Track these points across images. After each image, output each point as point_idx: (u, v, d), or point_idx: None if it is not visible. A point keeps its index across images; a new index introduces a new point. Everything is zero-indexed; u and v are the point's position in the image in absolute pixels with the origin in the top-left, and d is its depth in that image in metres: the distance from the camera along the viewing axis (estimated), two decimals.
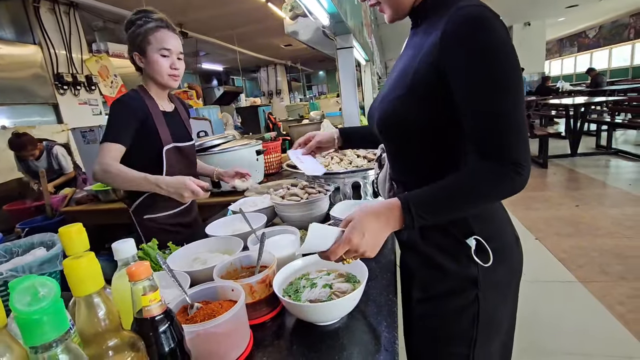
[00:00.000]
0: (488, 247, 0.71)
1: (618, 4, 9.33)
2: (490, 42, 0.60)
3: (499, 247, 0.73)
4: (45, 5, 3.89)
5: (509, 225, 0.80)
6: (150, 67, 1.32)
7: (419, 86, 0.68)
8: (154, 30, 1.29)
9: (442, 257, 0.76)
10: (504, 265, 0.75)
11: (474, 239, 0.72)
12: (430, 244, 0.77)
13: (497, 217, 0.78)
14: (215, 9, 5.03)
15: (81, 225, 0.53)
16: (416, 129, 0.72)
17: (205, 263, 0.93)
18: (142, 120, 1.31)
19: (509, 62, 0.61)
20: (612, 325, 1.88)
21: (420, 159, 0.76)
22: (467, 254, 0.72)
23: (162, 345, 0.49)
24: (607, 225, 3.06)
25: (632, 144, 6.03)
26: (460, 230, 0.73)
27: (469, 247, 0.72)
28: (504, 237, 0.77)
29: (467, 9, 0.62)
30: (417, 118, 0.70)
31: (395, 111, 0.73)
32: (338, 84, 2.62)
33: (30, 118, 3.97)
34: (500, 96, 0.61)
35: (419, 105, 0.69)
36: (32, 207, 2.76)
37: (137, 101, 1.32)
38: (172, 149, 1.39)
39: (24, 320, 0.29)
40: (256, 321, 0.75)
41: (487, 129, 0.62)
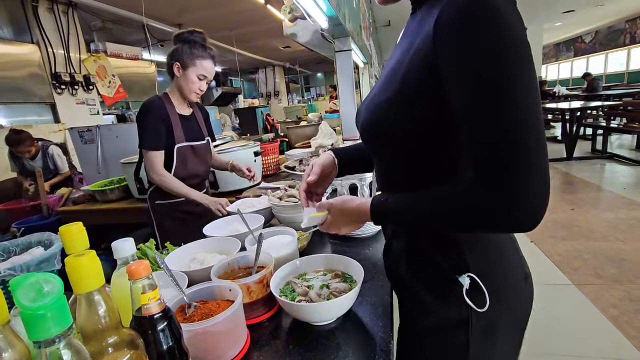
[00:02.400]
0: (485, 287, 0.58)
1: (613, 9, 9.43)
2: (495, 36, 0.46)
3: (500, 287, 0.61)
4: (43, 5, 3.89)
5: (516, 259, 0.65)
6: (185, 82, 1.53)
7: (411, 88, 0.55)
8: (203, 57, 1.51)
9: (428, 294, 0.64)
10: (505, 307, 0.62)
11: (468, 276, 0.59)
12: (416, 277, 0.67)
13: (501, 248, 0.64)
14: (213, 10, 5.04)
15: (81, 224, 0.54)
16: (408, 140, 0.59)
17: (203, 263, 0.93)
18: (165, 121, 1.52)
19: (518, 62, 0.46)
20: (606, 327, 1.90)
21: (411, 178, 0.63)
22: (458, 294, 0.59)
23: (160, 343, 0.49)
24: (601, 229, 3.09)
25: (627, 148, 6.09)
26: (453, 264, 0.61)
27: (461, 286, 0.59)
28: (508, 275, 0.64)
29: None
30: (409, 126, 0.57)
31: (383, 117, 0.60)
32: (336, 85, 2.64)
33: (27, 117, 3.96)
34: (503, 108, 0.46)
35: (410, 111, 0.56)
36: (27, 206, 2.75)
37: (159, 106, 1.52)
38: (184, 147, 1.57)
39: (29, 316, 0.30)
40: (253, 321, 0.76)
41: (482, 146, 0.48)
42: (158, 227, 1.66)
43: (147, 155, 1.50)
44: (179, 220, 1.64)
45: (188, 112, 1.66)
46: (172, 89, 1.59)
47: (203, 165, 1.69)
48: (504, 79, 0.46)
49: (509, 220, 0.48)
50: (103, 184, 2.36)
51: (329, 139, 2.39)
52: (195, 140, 1.64)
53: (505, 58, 0.46)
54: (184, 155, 1.58)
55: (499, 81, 0.46)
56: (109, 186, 2.31)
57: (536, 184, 0.46)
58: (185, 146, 1.58)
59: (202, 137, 1.68)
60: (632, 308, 2.01)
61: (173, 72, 1.53)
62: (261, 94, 11.52)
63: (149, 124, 1.49)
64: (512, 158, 0.46)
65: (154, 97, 1.55)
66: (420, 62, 0.53)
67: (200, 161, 1.67)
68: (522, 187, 0.46)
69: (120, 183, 2.32)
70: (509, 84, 0.46)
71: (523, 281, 0.65)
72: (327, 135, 2.42)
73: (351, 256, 0.84)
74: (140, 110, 1.51)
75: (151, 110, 1.50)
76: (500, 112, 0.46)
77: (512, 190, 0.46)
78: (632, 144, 6.14)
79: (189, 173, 1.61)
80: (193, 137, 1.62)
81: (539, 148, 0.46)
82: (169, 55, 1.53)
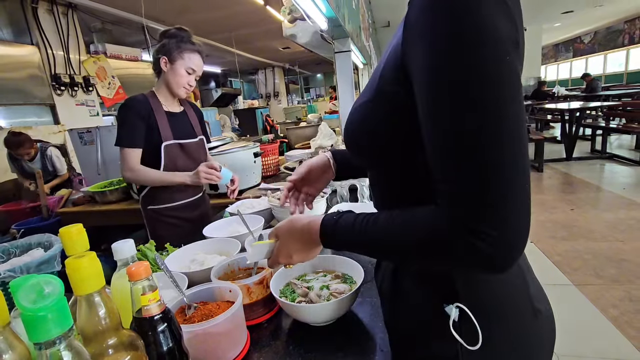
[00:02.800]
0: (477, 322, 0.49)
1: (612, 10, 9.45)
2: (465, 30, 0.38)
3: (499, 321, 0.51)
4: (43, 6, 3.89)
5: (522, 291, 0.54)
6: (172, 76, 1.48)
7: (387, 90, 0.50)
8: (191, 51, 1.48)
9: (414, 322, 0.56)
10: (507, 348, 0.52)
11: (457, 307, 0.50)
12: (402, 301, 0.59)
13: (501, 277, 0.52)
14: (213, 12, 5.04)
15: (81, 226, 0.54)
16: (389, 145, 0.52)
17: (203, 264, 0.94)
18: (146, 118, 1.46)
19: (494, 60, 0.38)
20: (606, 328, 1.90)
21: (399, 181, 0.55)
22: (445, 327, 0.50)
23: (160, 345, 0.49)
24: (601, 229, 3.09)
25: (626, 148, 6.09)
26: (440, 290, 0.52)
27: (448, 317, 0.50)
28: (510, 309, 0.52)
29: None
30: (389, 131, 0.51)
31: (363, 120, 0.54)
32: (335, 86, 2.64)
33: (27, 119, 3.95)
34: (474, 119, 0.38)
35: (390, 114, 0.50)
36: (27, 208, 2.75)
37: (140, 102, 1.46)
38: (172, 144, 1.52)
39: (30, 317, 0.30)
40: (253, 322, 0.76)
41: (441, 161, 0.42)
42: (151, 234, 1.61)
43: (122, 152, 1.44)
44: (170, 226, 1.59)
45: (178, 109, 1.60)
46: (159, 86, 1.53)
47: (196, 165, 1.57)
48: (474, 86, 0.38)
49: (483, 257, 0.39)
50: (103, 185, 2.36)
51: (329, 140, 2.39)
52: (185, 138, 1.57)
53: (477, 52, 0.38)
54: (173, 154, 1.51)
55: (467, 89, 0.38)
56: (108, 187, 2.31)
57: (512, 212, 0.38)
58: (173, 144, 1.51)
59: (193, 135, 1.62)
60: (632, 308, 2.01)
61: (160, 68, 1.47)
62: (261, 94, 11.52)
63: (126, 121, 1.44)
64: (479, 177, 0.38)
65: (138, 95, 1.49)
66: (394, 65, 0.47)
67: (192, 160, 1.59)
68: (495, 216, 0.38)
69: (120, 184, 2.32)
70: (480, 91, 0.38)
71: (531, 318, 0.53)
72: (326, 136, 2.42)
73: (351, 257, 0.84)
74: (120, 107, 1.47)
75: (131, 107, 1.44)
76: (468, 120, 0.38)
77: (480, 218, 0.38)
78: (632, 144, 6.14)
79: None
80: (182, 135, 1.56)
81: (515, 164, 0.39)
82: (156, 50, 1.48)
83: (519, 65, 0.41)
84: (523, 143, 0.40)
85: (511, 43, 0.40)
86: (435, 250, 0.44)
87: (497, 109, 0.38)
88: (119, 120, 1.47)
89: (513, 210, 0.38)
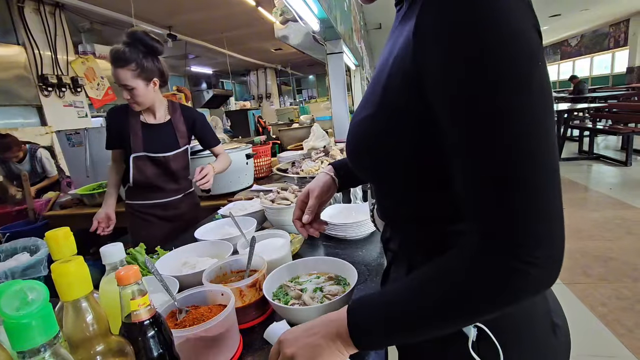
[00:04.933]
0: (497, 341, 0.47)
1: (598, 14, 9.68)
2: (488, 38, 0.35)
3: (518, 339, 0.49)
4: (30, 6, 3.82)
5: (541, 305, 0.52)
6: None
7: (393, 102, 0.46)
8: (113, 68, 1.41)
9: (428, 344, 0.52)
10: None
11: (475, 327, 0.48)
12: None
13: None
14: (204, 12, 5.01)
15: (68, 229, 0.53)
16: (396, 161, 0.49)
17: (194, 267, 0.92)
18: (118, 130, 1.54)
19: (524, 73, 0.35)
20: (595, 325, 1.93)
21: (407, 199, 0.53)
22: (463, 348, 0.48)
23: (151, 350, 0.48)
24: (588, 228, 3.14)
25: (612, 149, 6.22)
26: None
27: (466, 338, 0.48)
28: (529, 326, 0.50)
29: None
30: (393, 145, 0.47)
31: (366, 136, 0.51)
32: (328, 88, 2.64)
33: (13, 120, 3.87)
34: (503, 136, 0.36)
35: (396, 128, 0.46)
36: (13, 211, 2.69)
37: (117, 113, 1.56)
38: (141, 156, 1.54)
39: (13, 325, 0.29)
40: (246, 325, 0.75)
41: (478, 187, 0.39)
42: (130, 230, 1.71)
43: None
44: (147, 223, 1.64)
45: (160, 119, 1.59)
46: None
47: (166, 178, 1.61)
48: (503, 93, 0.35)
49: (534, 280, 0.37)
50: (91, 188, 2.32)
51: (322, 141, 2.38)
52: (160, 151, 1.55)
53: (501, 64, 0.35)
54: (140, 165, 1.54)
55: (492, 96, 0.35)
56: (97, 190, 2.27)
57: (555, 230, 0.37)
58: (142, 156, 1.53)
59: (173, 147, 1.59)
60: (620, 306, 2.05)
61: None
62: (253, 96, 11.48)
63: (107, 127, 1.58)
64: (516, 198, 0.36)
65: (122, 105, 1.58)
66: (401, 74, 0.44)
67: (165, 171, 1.59)
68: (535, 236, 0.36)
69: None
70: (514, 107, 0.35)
71: (550, 333, 0.51)
72: (319, 138, 2.41)
73: (344, 258, 0.84)
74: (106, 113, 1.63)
75: (109, 116, 1.60)
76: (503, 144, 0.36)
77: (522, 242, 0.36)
78: (618, 145, 6.28)
79: (150, 184, 1.58)
80: (157, 147, 1.55)
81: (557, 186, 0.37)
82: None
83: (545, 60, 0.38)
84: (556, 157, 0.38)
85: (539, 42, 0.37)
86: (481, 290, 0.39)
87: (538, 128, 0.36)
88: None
89: (553, 229, 0.37)
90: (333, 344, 0.48)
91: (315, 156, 1.94)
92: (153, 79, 1.48)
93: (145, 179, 1.56)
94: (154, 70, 1.48)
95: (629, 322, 1.92)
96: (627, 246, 2.75)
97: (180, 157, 1.63)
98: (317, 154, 1.96)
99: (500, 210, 0.37)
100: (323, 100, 8.19)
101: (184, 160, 1.66)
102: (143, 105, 1.51)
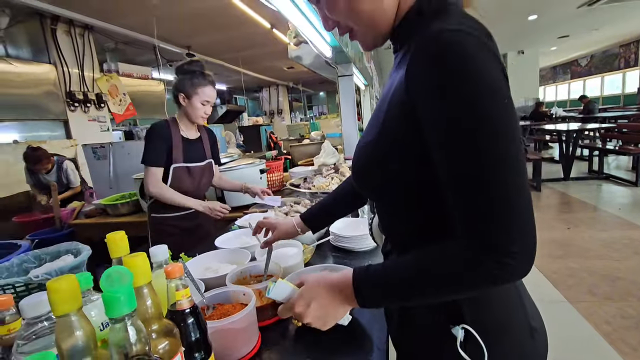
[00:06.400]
0: (482, 341, 0.54)
1: (607, 35, 9.74)
2: (465, 85, 0.44)
3: (500, 340, 0.57)
4: (62, 28, 4.11)
5: (520, 311, 0.60)
6: (191, 109, 1.69)
7: (392, 132, 0.54)
8: (204, 85, 1.66)
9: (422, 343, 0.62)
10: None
11: (462, 328, 0.55)
12: (410, 322, 0.65)
13: (505, 294, 0.59)
14: (221, 34, 5.27)
15: (124, 233, 0.64)
16: (397, 183, 0.57)
17: (217, 272, 1.03)
18: (166, 142, 1.67)
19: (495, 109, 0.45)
20: (599, 344, 1.95)
21: (408, 217, 0.60)
22: (452, 347, 0.55)
23: (190, 335, 0.58)
24: (596, 248, 3.15)
25: (624, 169, 6.19)
26: (447, 312, 0.57)
27: (455, 338, 0.55)
28: (510, 327, 0.58)
29: (435, 34, 0.47)
30: (396, 169, 0.55)
31: (369, 159, 0.59)
32: (338, 105, 2.78)
33: (41, 132, 4.11)
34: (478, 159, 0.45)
35: (395, 154, 0.55)
36: (40, 219, 2.85)
37: (163, 129, 1.69)
38: (181, 167, 1.70)
39: (109, 298, 0.39)
40: (263, 324, 0.85)
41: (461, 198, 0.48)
42: (152, 240, 1.79)
43: (147, 170, 1.66)
44: (169, 235, 1.74)
45: (195, 135, 1.80)
46: (180, 115, 1.75)
47: (198, 184, 1.80)
48: (481, 132, 0.45)
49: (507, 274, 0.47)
50: (115, 199, 2.46)
51: (332, 158, 2.50)
52: (195, 162, 1.76)
53: (480, 109, 0.45)
54: (179, 175, 1.71)
55: (476, 135, 0.45)
56: (120, 200, 2.42)
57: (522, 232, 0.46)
58: (182, 167, 1.71)
59: (203, 159, 1.81)
60: (624, 325, 2.07)
61: (179, 101, 1.69)
62: (265, 111, 11.77)
63: (151, 142, 1.66)
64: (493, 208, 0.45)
65: (162, 121, 1.72)
66: (398, 109, 0.53)
67: (196, 181, 1.79)
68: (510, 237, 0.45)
69: (131, 197, 2.43)
70: (487, 136, 0.45)
71: (528, 336, 0.59)
72: (329, 154, 2.53)
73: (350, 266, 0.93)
74: (147, 130, 1.70)
75: (155, 131, 1.68)
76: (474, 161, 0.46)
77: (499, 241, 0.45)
78: (629, 165, 6.25)
79: (183, 191, 1.72)
80: (193, 159, 1.75)
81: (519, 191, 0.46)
82: (174, 86, 1.69)
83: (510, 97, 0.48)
84: (524, 171, 0.47)
85: (505, 83, 0.47)
86: (469, 278, 0.49)
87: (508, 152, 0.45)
88: (145, 141, 1.67)
89: (525, 227, 0.46)
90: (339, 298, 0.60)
91: (326, 172, 2.06)
92: None
93: (181, 190, 1.70)
94: None
95: (633, 340, 1.94)
96: (635, 266, 2.76)
97: (207, 170, 1.83)
98: (328, 171, 2.08)
99: (479, 216, 0.46)
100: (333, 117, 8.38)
101: (210, 173, 1.85)
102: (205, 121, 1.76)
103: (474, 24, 0.48)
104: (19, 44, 4.16)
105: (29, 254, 1.07)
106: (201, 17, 4.52)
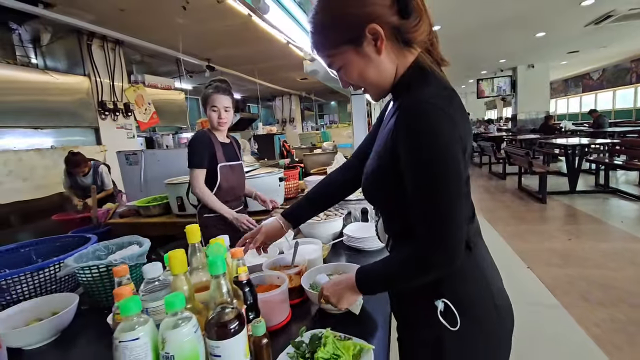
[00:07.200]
0: (456, 311, 0.74)
1: (618, 50, 9.82)
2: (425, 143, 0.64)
3: (469, 313, 0.75)
4: (96, 43, 4.47)
5: (487, 290, 0.79)
6: (208, 117, 2.01)
7: (385, 164, 0.75)
8: (211, 94, 1.93)
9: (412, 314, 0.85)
10: (476, 331, 0.77)
11: (442, 301, 0.75)
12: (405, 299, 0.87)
13: (475, 279, 0.79)
14: (240, 48, 5.60)
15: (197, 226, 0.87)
16: (391, 198, 0.78)
17: (252, 262, 1.26)
18: (208, 147, 1.95)
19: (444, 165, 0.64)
20: (588, 344, 2.11)
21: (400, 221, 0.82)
22: (435, 315, 0.75)
23: (247, 299, 0.81)
24: (595, 258, 3.29)
25: (632, 184, 6.26)
26: (431, 289, 0.77)
27: (436, 308, 0.75)
28: (479, 302, 0.78)
29: (413, 103, 0.66)
30: (389, 189, 0.76)
31: (373, 180, 0.81)
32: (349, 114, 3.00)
33: (73, 138, 4.45)
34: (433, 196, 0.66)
35: (389, 179, 0.75)
36: (77, 218, 3.14)
37: (205, 136, 1.97)
38: (225, 166, 2.01)
39: (212, 262, 0.63)
40: (292, 302, 1.07)
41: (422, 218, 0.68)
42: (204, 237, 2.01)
43: (193, 172, 1.92)
44: (218, 230, 1.93)
45: (227, 140, 2.12)
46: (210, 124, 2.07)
47: (240, 181, 2.12)
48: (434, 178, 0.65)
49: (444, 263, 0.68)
50: (147, 201, 2.72)
51: None
52: (233, 161, 2.08)
53: (436, 163, 0.64)
54: (225, 173, 2.01)
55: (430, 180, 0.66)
56: (151, 203, 2.68)
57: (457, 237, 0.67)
58: (226, 165, 2.02)
59: (237, 159, 2.13)
60: (613, 328, 2.23)
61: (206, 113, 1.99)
62: (277, 120, 12.10)
63: (195, 148, 1.93)
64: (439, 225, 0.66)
65: (202, 129, 2.03)
66: (389, 149, 0.73)
67: (238, 178, 2.11)
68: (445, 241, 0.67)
69: (162, 200, 2.69)
70: (436, 181, 0.65)
71: (493, 310, 0.78)
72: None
73: (358, 263, 1.14)
74: (191, 139, 1.98)
75: (198, 138, 1.96)
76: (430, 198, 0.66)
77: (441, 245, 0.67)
78: (637, 180, 6.33)
79: (231, 186, 2.03)
80: (231, 159, 2.07)
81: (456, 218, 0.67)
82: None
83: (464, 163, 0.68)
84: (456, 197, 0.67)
85: (461, 154, 0.67)
86: (420, 270, 0.71)
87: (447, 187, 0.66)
88: (189, 147, 1.95)
89: (455, 236, 0.67)
90: (350, 289, 0.85)
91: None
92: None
93: (228, 184, 2.00)
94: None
95: (619, 341, 2.10)
96: (630, 276, 2.90)
97: (242, 169, 2.15)
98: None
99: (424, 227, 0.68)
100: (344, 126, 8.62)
101: (243, 174, 2.16)
102: (227, 125, 2.02)
103: (443, 94, 0.69)
104: (57, 57, 4.54)
105: (100, 244, 1.32)
106: (222, 34, 4.85)
